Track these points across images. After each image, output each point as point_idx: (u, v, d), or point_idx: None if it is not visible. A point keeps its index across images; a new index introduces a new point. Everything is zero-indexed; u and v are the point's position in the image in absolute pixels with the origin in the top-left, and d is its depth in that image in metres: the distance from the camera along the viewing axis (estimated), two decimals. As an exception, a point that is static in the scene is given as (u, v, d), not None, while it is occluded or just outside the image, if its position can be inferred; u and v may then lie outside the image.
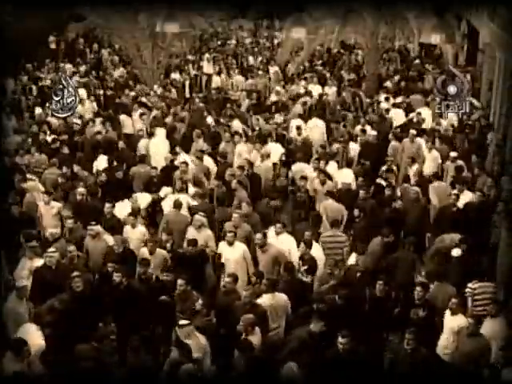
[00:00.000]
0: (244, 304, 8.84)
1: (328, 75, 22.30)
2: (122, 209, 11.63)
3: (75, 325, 8.51)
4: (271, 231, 10.87)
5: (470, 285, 9.38)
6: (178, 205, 11.49)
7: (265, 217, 11.67)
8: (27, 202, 11.95)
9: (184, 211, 11.58)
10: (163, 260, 10.21)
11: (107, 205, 11.31)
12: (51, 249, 9.71)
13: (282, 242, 10.66)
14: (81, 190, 11.93)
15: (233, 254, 10.34)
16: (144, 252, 10.26)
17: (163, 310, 9.07)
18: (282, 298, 9.11)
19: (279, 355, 8.14)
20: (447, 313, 8.85)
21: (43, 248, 9.98)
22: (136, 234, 10.92)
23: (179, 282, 9.12)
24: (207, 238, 10.84)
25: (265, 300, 9.01)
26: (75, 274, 9.04)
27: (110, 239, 10.61)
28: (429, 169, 13.87)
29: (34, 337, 8.00)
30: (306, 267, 9.76)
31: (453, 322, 8.74)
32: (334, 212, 11.71)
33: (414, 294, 9.07)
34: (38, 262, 9.69)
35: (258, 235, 10.47)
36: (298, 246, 10.58)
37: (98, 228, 10.65)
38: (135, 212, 11.36)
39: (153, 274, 9.68)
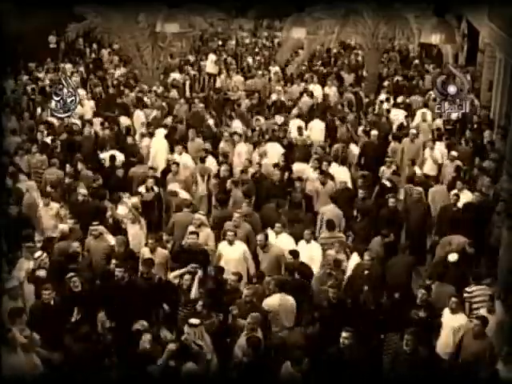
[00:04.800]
0: (245, 303, 8.83)
1: (328, 75, 22.28)
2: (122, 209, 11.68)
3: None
4: (270, 231, 10.86)
5: (467, 289, 9.38)
6: (187, 205, 11.52)
7: (269, 219, 11.55)
8: (26, 202, 11.94)
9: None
10: (164, 259, 10.22)
11: (109, 206, 11.38)
12: (38, 253, 9.77)
13: (282, 242, 10.66)
14: (82, 190, 11.94)
15: (233, 254, 10.34)
16: (145, 251, 10.27)
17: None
18: (289, 299, 9.10)
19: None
20: (447, 311, 8.86)
21: (46, 247, 10.03)
22: (135, 229, 10.96)
23: (186, 276, 9.26)
24: (207, 237, 10.85)
25: (273, 301, 9.01)
26: (71, 274, 9.09)
27: (111, 239, 10.63)
28: (430, 169, 13.85)
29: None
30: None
31: (453, 320, 8.76)
32: (333, 217, 11.62)
33: (417, 296, 9.08)
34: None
35: (260, 236, 10.44)
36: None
37: (102, 228, 10.70)
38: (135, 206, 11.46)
39: (156, 274, 9.68)
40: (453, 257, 10.05)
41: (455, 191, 12.12)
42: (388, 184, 13.01)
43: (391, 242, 10.87)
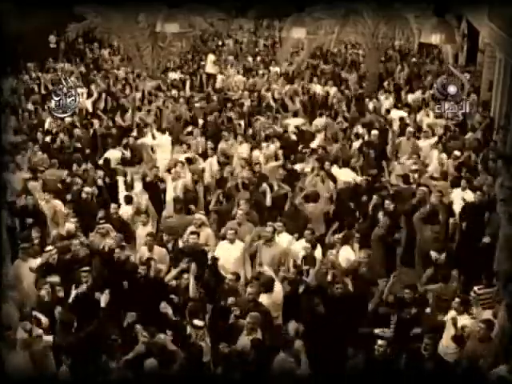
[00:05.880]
0: (248, 301, 8.83)
1: (328, 75, 22.32)
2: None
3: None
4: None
5: (475, 289, 9.31)
6: (179, 209, 11.54)
7: (259, 204, 11.63)
8: (29, 201, 11.95)
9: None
10: (163, 256, 10.23)
11: (113, 205, 11.42)
12: (49, 247, 9.84)
13: (283, 241, 10.64)
14: (86, 189, 12.00)
15: (233, 253, 10.33)
16: (144, 251, 10.28)
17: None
18: (279, 295, 9.12)
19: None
20: (451, 312, 8.83)
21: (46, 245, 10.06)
22: (146, 230, 10.98)
23: (185, 275, 9.32)
24: (207, 237, 10.85)
25: (264, 299, 9.01)
26: (84, 268, 9.17)
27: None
28: (434, 169, 13.83)
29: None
30: (307, 267, 9.79)
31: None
32: (316, 213, 11.72)
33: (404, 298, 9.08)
34: (31, 263, 9.72)
35: (268, 228, 10.45)
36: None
37: (109, 226, 10.75)
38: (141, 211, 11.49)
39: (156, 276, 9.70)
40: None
41: (459, 189, 12.15)
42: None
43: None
